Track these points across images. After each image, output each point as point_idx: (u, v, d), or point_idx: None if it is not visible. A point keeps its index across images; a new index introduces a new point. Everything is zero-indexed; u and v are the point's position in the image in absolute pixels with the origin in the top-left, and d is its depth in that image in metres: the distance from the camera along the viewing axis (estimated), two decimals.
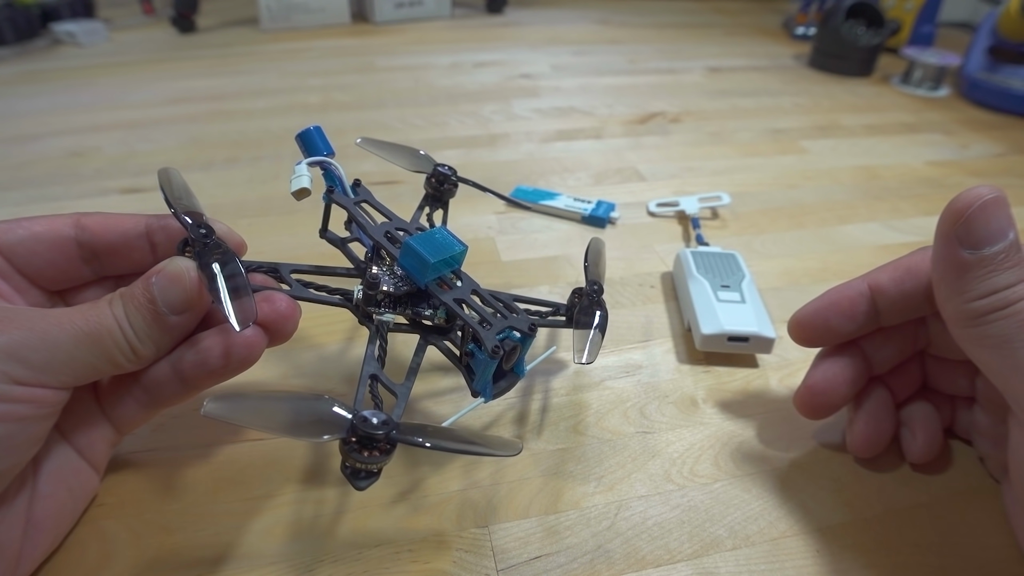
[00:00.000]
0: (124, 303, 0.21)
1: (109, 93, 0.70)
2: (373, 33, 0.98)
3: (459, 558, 0.24)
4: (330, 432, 0.19)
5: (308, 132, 0.28)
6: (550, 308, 0.30)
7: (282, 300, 0.23)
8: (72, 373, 0.20)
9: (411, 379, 0.24)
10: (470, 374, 0.25)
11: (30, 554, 0.22)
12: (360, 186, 0.29)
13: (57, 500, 0.22)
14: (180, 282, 0.21)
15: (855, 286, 0.27)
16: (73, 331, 0.20)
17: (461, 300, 0.25)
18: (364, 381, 0.22)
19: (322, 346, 0.34)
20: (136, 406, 0.23)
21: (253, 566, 0.23)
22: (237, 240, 0.25)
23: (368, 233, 0.27)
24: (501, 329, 0.24)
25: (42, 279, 0.24)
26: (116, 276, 0.26)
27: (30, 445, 0.20)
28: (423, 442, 0.20)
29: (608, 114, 0.67)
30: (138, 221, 0.25)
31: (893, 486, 0.27)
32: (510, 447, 0.22)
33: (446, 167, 0.31)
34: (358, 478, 0.19)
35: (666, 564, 0.24)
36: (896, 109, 0.72)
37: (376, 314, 0.25)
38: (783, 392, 0.32)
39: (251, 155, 0.56)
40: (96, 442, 0.23)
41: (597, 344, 0.26)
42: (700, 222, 0.46)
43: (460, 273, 0.26)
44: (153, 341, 0.21)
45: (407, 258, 0.25)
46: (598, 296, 0.29)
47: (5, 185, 0.50)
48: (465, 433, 0.22)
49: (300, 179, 0.27)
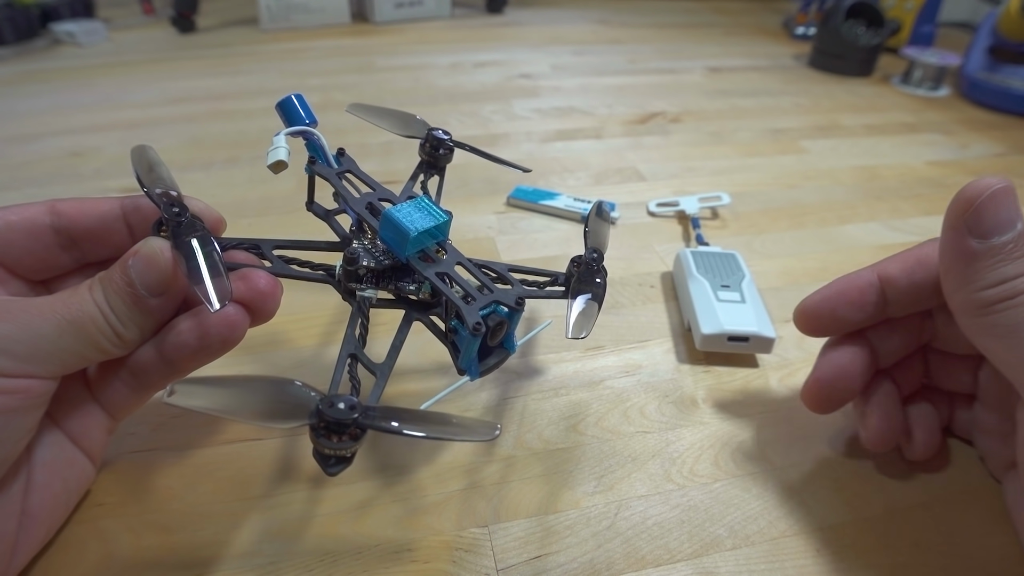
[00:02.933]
0: (104, 287, 0.21)
1: (109, 93, 0.70)
2: (373, 33, 0.98)
3: (459, 558, 0.24)
4: (297, 418, 0.18)
5: (288, 100, 0.27)
6: (548, 278, 0.28)
7: (262, 277, 0.23)
8: (58, 362, 0.20)
9: (393, 358, 0.23)
10: (455, 351, 0.24)
11: (25, 544, 0.21)
12: (344, 155, 0.28)
13: (52, 490, 0.22)
14: (155, 263, 0.21)
15: (864, 276, 0.26)
16: (56, 319, 0.19)
17: (445, 274, 0.24)
18: (343, 361, 0.22)
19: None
20: (126, 391, 0.23)
21: (252, 566, 0.23)
22: (215, 217, 0.24)
23: (349, 204, 0.26)
24: (486, 304, 0.23)
25: (21, 268, 0.24)
26: (98, 262, 0.25)
27: (20, 437, 0.20)
28: (394, 427, 0.19)
29: (608, 114, 0.67)
30: (113, 204, 0.24)
31: (893, 486, 0.27)
32: (486, 430, 0.21)
33: (440, 131, 0.30)
34: (328, 464, 0.19)
35: (666, 564, 0.24)
36: (896, 109, 0.72)
37: (358, 290, 0.24)
38: (783, 392, 0.32)
39: (251, 155, 0.56)
40: (90, 429, 0.23)
41: (591, 317, 0.25)
42: (700, 222, 0.46)
43: (445, 244, 0.25)
44: (136, 324, 0.21)
45: (387, 231, 0.24)
46: (598, 264, 0.27)
47: (5, 185, 0.50)
48: (441, 417, 0.21)
49: (276, 151, 0.25)
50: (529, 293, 0.26)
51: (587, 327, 0.24)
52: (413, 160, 0.31)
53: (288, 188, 0.49)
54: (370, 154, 0.56)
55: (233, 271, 0.23)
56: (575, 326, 0.24)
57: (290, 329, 0.35)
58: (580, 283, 0.26)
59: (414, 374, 0.32)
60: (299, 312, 0.36)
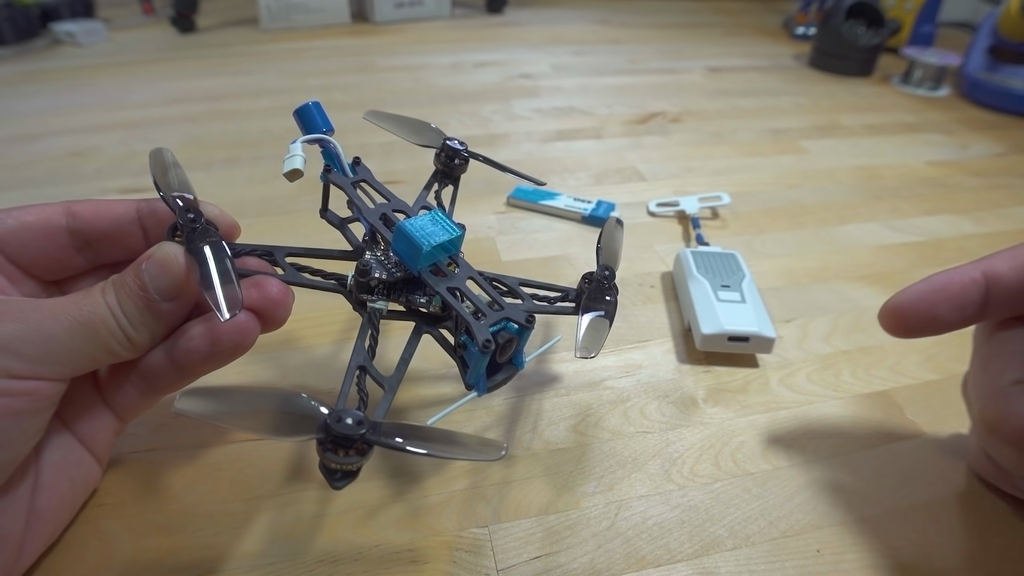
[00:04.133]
0: (116, 291, 0.21)
1: (109, 93, 0.70)
2: (373, 33, 0.98)
3: (459, 558, 0.24)
4: (304, 432, 0.18)
5: (307, 108, 0.27)
6: (559, 294, 0.28)
7: (274, 285, 0.23)
8: (68, 364, 0.20)
9: (401, 371, 0.23)
10: (464, 366, 0.24)
11: (32, 544, 0.22)
12: (360, 164, 0.28)
13: (59, 490, 0.22)
14: (168, 268, 0.21)
15: (967, 272, 0.23)
16: (67, 321, 0.19)
17: (456, 289, 0.24)
18: (351, 373, 0.22)
19: (315, 347, 0.34)
20: (135, 394, 0.23)
21: (252, 566, 0.23)
22: (229, 222, 0.25)
23: (363, 215, 0.26)
24: (496, 321, 0.23)
25: (36, 269, 0.24)
26: (112, 264, 0.25)
27: (28, 438, 0.20)
28: (400, 444, 0.19)
29: (608, 114, 0.67)
30: (128, 207, 0.24)
31: (894, 486, 0.27)
32: (493, 450, 0.21)
33: (456, 141, 0.30)
34: (334, 478, 0.19)
35: (666, 564, 0.24)
36: (896, 109, 0.72)
37: (369, 301, 0.24)
38: (783, 392, 0.32)
39: (251, 155, 0.56)
40: (99, 431, 0.23)
41: (601, 335, 0.24)
42: (700, 222, 0.46)
43: (457, 259, 0.25)
44: (147, 328, 0.21)
45: (400, 243, 0.24)
46: (609, 282, 0.26)
47: (5, 185, 0.50)
48: (447, 435, 0.21)
49: (293, 159, 0.25)
50: (539, 308, 0.26)
51: (596, 346, 0.23)
52: (413, 161, 0.31)
53: (288, 189, 0.49)
54: (371, 154, 0.56)
55: (245, 278, 0.23)
56: (584, 345, 0.23)
57: (302, 330, 0.35)
58: (590, 300, 0.26)
59: (422, 380, 0.32)
60: (311, 314, 0.36)
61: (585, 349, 0.23)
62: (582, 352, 0.23)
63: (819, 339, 0.36)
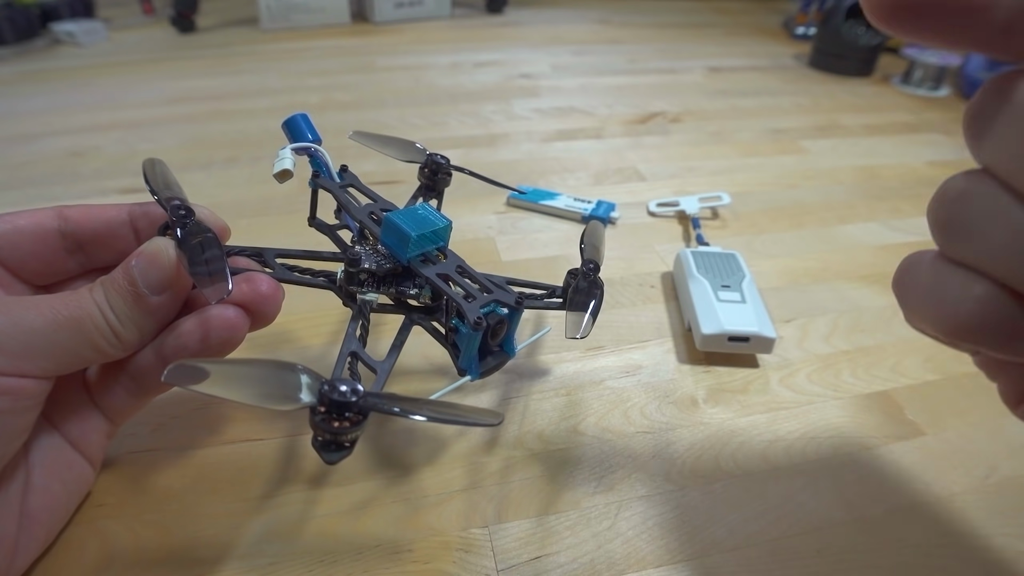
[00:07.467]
0: (105, 288, 0.21)
1: (109, 93, 0.70)
2: (373, 33, 0.98)
3: (459, 558, 0.24)
4: (298, 400, 0.18)
5: (294, 119, 0.28)
6: (546, 291, 0.29)
7: (264, 281, 0.23)
8: (53, 360, 0.19)
9: (393, 356, 0.23)
10: (456, 351, 0.24)
11: (26, 546, 0.21)
12: (347, 171, 0.29)
13: (51, 493, 0.22)
14: (159, 260, 0.21)
15: None
16: (52, 316, 0.19)
17: (445, 275, 0.24)
18: (343, 358, 0.22)
19: (308, 346, 0.34)
20: (125, 395, 0.23)
21: (252, 566, 0.23)
22: (220, 224, 0.25)
23: (351, 213, 0.26)
24: (486, 303, 0.23)
25: (26, 272, 0.24)
26: (103, 268, 0.25)
27: (12, 438, 0.20)
28: (397, 410, 0.18)
29: (608, 114, 0.67)
30: (120, 210, 0.24)
31: (893, 486, 0.27)
32: (491, 416, 0.20)
33: (439, 156, 0.31)
34: (328, 451, 0.18)
35: (667, 564, 0.24)
36: (896, 109, 0.72)
37: (359, 293, 0.24)
38: (783, 392, 0.32)
39: (251, 155, 0.56)
40: (89, 433, 0.23)
41: (589, 321, 0.25)
42: (700, 222, 0.46)
43: (445, 251, 0.25)
44: (136, 324, 0.21)
45: (388, 234, 0.24)
46: (594, 275, 0.27)
47: (5, 185, 0.50)
48: (443, 404, 0.20)
49: (282, 161, 0.26)
50: (526, 296, 0.26)
51: (586, 329, 0.25)
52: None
53: (287, 189, 0.49)
54: (371, 154, 0.56)
55: (236, 275, 0.23)
56: (573, 326, 0.25)
57: (295, 329, 0.35)
58: (576, 293, 0.27)
59: (414, 375, 0.32)
60: (304, 313, 0.36)
61: (574, 328, 0.25)
62: (570, 332, 0.25)
63: (819, 339, 0.36)
